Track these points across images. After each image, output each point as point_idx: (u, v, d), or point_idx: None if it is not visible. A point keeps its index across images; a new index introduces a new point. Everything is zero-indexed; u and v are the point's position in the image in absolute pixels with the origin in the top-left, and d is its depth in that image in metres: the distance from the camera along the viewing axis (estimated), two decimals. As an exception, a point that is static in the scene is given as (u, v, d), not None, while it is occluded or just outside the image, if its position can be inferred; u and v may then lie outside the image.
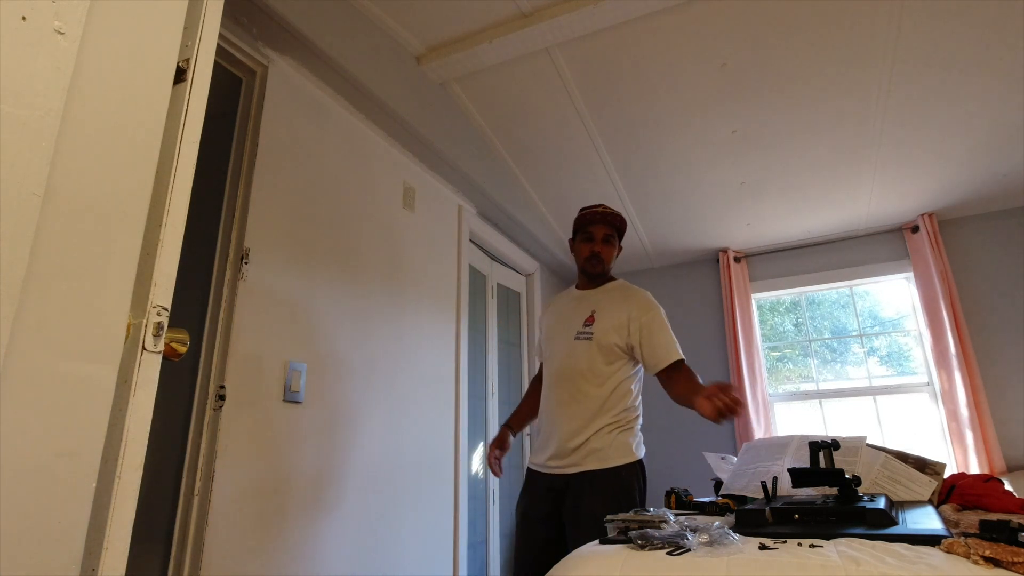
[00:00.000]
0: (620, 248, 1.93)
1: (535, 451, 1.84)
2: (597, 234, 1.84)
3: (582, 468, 1.68)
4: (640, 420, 1.82)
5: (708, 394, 1.45)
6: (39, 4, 0.66)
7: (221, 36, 1.56)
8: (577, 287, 1.96)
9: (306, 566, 1.62)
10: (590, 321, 1.80)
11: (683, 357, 1.72)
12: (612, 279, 1.91)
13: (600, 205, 1.87)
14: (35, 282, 0.65)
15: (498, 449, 1.96)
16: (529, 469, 1.84)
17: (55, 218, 0.67)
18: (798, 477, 1.41)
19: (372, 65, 1.95)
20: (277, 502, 1.57)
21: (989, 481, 1.42)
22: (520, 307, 3.49)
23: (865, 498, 1.30)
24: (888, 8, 1.78)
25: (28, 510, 0.63)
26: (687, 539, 1.12)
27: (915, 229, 3.26)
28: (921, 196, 3.02)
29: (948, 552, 0.94)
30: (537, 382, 2.05)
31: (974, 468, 2.82)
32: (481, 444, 2.88)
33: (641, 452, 1.75)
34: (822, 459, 1.42)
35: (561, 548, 1.62)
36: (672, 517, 1.38)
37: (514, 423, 2.03)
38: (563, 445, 1.72)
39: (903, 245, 3.34)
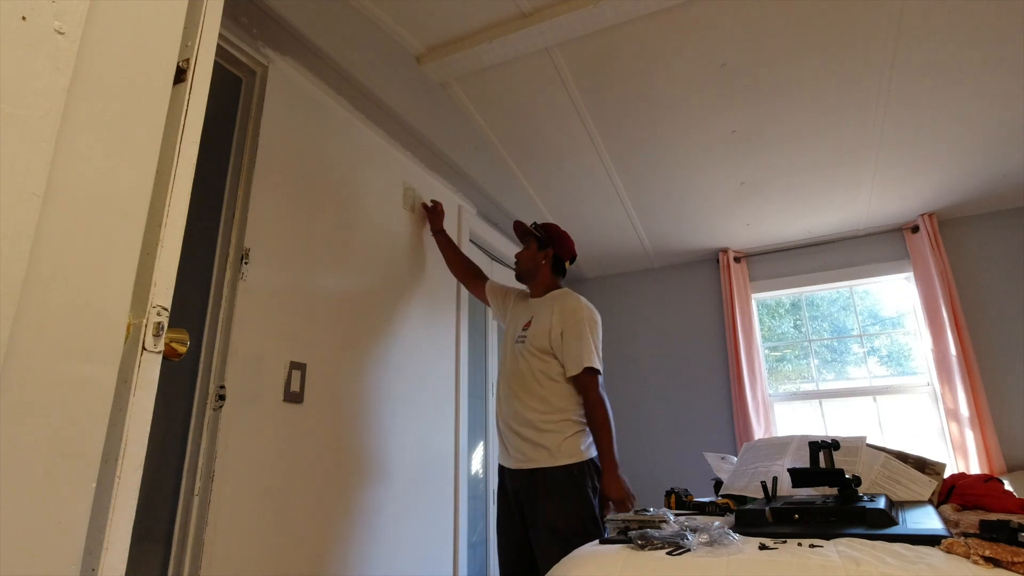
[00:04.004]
0: (545, 248, 2.06)
1: (499, 449, 1.98)
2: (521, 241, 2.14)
3: (536, 464, 1.79)
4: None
5: (616, 496, 1.72)
6: (39, 4, 0.66)
7: (221, 36, 1.56)
8: (530, 295, 2.13)
9: (306, 566, 1.62)
10: (526, 327, 1.95)
11: (595, 367, 1.81)
12: (557, 287, 2.05)
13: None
14: (35, 282, 0.64)
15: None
16: (499, 466, 1.97)
17: (55, 218, 0.67)
18: (798, 477, 1.41)
19: (372, 65, 1.95)
20: (277, 502, 1.57)
21: (989, 481, 1.42)
22: (520, 307, 3.48)
23: (865, 498, 1.30)
24: (888, 8, 1.79)
25: (28, 510, 0.63)
26: (687, 539, 1.12)
27: (915, 229, 3.26)
28: (921, 196, 3.02)
29: (948, 552, 0.94)
30: (472, 270, 2.37)
31: (974, 468, 2.82)
32: (481, 444, 2.88)
33: (592, 452, 1.83)
34: (822, 459, 1.42)
35: (530, 547, 1.79)
36: (672, 517, 1.38)
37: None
38: (516, 441, 1.85)
39: (903, 245, 3.34)
